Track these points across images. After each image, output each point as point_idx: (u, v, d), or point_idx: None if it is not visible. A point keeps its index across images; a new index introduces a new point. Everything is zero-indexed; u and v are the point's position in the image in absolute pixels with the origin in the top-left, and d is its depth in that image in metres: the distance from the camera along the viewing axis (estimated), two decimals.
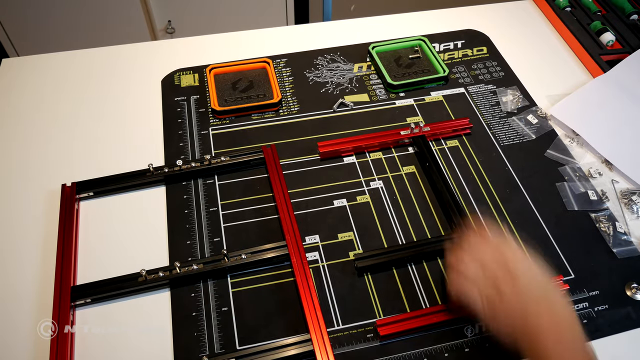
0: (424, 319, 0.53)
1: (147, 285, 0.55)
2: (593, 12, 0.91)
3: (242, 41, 0.86)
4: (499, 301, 0.46)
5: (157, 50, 0.85)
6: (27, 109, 0.75)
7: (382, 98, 0.78)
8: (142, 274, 0.55)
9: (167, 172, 0.65)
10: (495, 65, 0.83)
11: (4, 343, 0.53)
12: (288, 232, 0.59)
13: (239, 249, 0.58)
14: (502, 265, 0.47)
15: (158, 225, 0.62)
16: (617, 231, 0.62)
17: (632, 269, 0.60)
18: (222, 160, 0.66)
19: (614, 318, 0.56)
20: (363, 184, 0.67)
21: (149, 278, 0.55)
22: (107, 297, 0.56)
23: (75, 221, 0.61)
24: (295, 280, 0.56)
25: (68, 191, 0.63)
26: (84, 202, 0.64)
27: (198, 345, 0.53)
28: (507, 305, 0.46)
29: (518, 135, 0.73)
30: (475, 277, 0.48)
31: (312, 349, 0.51)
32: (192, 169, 0.65)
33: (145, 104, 0.76)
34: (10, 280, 0.57)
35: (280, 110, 0.75)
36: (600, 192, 0.66)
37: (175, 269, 0.56)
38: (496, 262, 0.48)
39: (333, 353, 0.51)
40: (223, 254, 0.57)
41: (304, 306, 0.54)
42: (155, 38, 1.50)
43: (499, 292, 0.46)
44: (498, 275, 0.47)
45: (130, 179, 0.65)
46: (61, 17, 1.39)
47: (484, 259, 0.49)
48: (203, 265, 0.57)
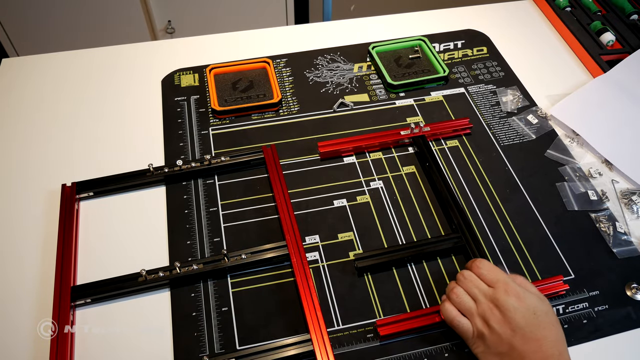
0: (424, 319, 0.53)
1: (147, 285, 0.55)
2: (593, 12, 0.91)
3: (242, 41, 0.86)
4: (489, 334, 0.48)
5: (157, 50, 0.85)
6: (27, 109, 0.75)
7: (382, 98, 0.78)
8: (142, 274, 0.55)
9: (167, 172, 0.65)
10: (495, 65, 0.83)
11: (4, 343, 0.53)
12: (288, 232, 0.59)
13: (239, 249, 0.58)
14: (494, 300, 0.49)
15: (158, 225, 0.62)
16: (617, 231, 0.62)
17: (632, 269, 0.60)
18: (222, 160, 0.66)
19: (614, 318, 0.56)
20: (363, 184, 0.67)
21: (149, 278, 0.55)
22: (107, 297, 0.56)
23: (75, 221, 0.61)
24: (295, 280, 0.56)
25: (68, 191, 0.63)
26: (84, 202, 0.64)
27: (198, 345, 0.53)
28: (495, 338, 0.47)
29: (518, 135, 0.73)
30: (467, 310, 0.50)
31: (312, 349, 0.51)
32: (192, 169, 0.65)
33: (145, 104, 0.76)
34: (10, 280, 0.57)
35: (280, 110, 0.75)
36: (600, 192, 0.66)
37: (175, 269, 0.56)
38: (489, 299, 0.49)
39: (333, 353, 0.51)
40: (223, 254, 0.57)
41: (304, 306, 0.54)
42: (155, 38, 1.50)
43: (489, 326, 0.48)
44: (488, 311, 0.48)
45: (130, 179, 0.65)
46: (61, 17, 1.39)
47: (477, 294, 0.50)
48: (203, 265, 0.57)
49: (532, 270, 0.59)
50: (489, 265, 0.52)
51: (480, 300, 0.49)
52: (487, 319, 0.48)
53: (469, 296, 0.51)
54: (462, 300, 0.50)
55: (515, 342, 0.46)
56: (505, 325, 0.47)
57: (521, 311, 0.47)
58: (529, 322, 0.47)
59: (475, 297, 0.50)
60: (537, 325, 0.47)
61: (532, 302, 0.48)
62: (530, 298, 0.48)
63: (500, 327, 0.47)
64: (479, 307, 0.49)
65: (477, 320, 0.49)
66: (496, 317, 0.48)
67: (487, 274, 0.51)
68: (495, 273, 0.51)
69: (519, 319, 0.47)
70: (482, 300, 0.49)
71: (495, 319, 0.48)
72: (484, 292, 0.50)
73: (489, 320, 0.48)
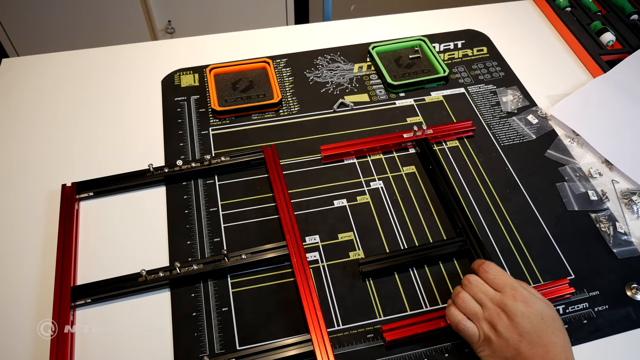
0: (430, 323, 0.53)
1: (147, 285, 0.55)
2: (593, 12, 0.91)
3: (242, 41, 0.86)
4: (495, 338, 0.48)
5: (157, 50, 0.85)
6: (27, 109, 0.75)
7: (382, 98, 0.78)
8: (142, 274, 0.55)
9: (167, 172, 0.65)
10: (495, 65, 0.83)
11: (4, 343, 0.53)
12: (288, 232, 0.59)
13: (239, 249, 0.58)
14: (501, 305, 0.49)
15: (158, 225, 0.62)
16: (617, 231, 0.62)
17: (632, 269, 0.60)
18: (222, 160, 0.66)
19: (614, 318, 0.56)
20: (363, 184, 0.67)
21: (149, 278, 0.55)
22: (107, 297, 0.56)
23: (76, 221, 0.61)
24: (295, 281, 0.56)
25: (68, 191, 0.63)
26: (84, 202, 0.64)
27: (198, 345, 0.53)
28: (502, 343, 0.47)
29: (518, 135, 0.73)
30: (474, 314, 0.50)
31: (313, 349, 0.51)
32: (192, 169, 0.65)
33: (145, 104, 0.76)
34: (10, 281, 0.57)
35: (280, 110, 0.75)
36: (600, 192, 0.66)
37: (175, 269, 0.56)
38: (496, 304, 0.49)
39: (333, 353, 0.51)
40: (223, 254, 0.57)
41: (304, 306, 0.54)
42: (155, 38, 1.50)
43: (496, 331, 0.48)
44: (495, 316, 0.48)
45: (131, 179, 0.65)
46: (61, 17, 1.39)
47: (483, 299, 0.50)
48: (203, 266, 0.57)
49: (532, 270, 0.59)
50: (496, 269, 0.52)
51: (487, 305, 0.49)
52: (494, 324, 0.48)
53: (475, 301, 0.51)
54: (467, 305, 0.50)
55: (522, 347, 0.46)
56: (512, 330, 0.47)
57: (529, 317, 0.47)
58: (536, 328, 0.47)
59: (482, 301, 0.50)
60: (545, 330, 0.47)
61: (539, 308, 0.48)
62: (538, 303, 0.48)
63: (507, 332, 0.47)
64: (486, 311, 0.49)
65: (484, 324, 0.49)
66: (504, 322, 0.48)
67: (494, 279, 0.51)
68: (502, 278, 0.51)
69: (526, 324, 0.47)
70: (489, 305, 0.49)
71: (502, 323, 0.48)
72: (490, 297, 0.50)
73: (496, 325, 0.48)
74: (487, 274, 0.51)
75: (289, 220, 0.61)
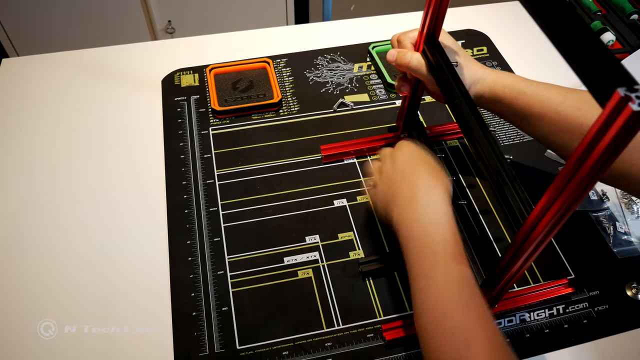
0: None
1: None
2: (593, 12, 0.91)
3: (242, 41, 0.86)
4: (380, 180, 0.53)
5: (157, 50, 0.85)
6: (27, 109, 0.75)
7: (382, 98, 0.78)
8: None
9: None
10: (496, 65, 0.83)
11: (4, 343, 0.53)
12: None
13: (239, 249, 0.58)
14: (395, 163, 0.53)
15: (158, 225, 0.62)
16: (617, 231, 0.62)
17: (633, 269, 0.60)
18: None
19: (614, 318, 0.56)
20: (363, 183, 0.67)
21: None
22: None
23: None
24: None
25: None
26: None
27: (198, 345, 0.53)
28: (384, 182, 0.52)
29: (518, 135, 0.73)
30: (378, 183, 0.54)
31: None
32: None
33: (145, 104, 0.76)
34: (10, 281, 0.57)
35: (280, 110, 0.75)
36: (600, 192, 0.66)
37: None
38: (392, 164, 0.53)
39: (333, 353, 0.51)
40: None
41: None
42: (155, 38, 1.50)
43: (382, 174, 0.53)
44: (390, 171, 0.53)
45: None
46: (61, 17, 1.39)
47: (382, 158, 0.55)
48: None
49: (532, 270, 0.59)
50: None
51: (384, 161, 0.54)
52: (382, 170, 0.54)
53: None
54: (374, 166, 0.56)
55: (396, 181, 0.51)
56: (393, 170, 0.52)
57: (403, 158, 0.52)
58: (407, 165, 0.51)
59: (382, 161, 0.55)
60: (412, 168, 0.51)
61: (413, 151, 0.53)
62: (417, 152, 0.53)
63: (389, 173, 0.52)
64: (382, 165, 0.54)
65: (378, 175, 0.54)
66: (387, 166, 0.53)
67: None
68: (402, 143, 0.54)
69: (400, 163, 0.52)
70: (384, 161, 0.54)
71: (386, 167, 0.53)
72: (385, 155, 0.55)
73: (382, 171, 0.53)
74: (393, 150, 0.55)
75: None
